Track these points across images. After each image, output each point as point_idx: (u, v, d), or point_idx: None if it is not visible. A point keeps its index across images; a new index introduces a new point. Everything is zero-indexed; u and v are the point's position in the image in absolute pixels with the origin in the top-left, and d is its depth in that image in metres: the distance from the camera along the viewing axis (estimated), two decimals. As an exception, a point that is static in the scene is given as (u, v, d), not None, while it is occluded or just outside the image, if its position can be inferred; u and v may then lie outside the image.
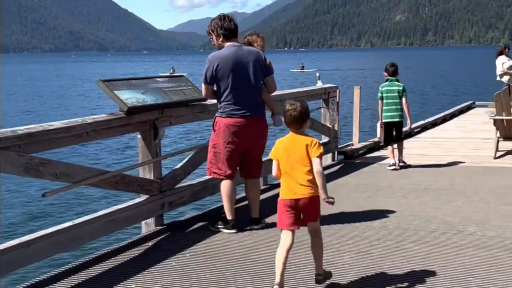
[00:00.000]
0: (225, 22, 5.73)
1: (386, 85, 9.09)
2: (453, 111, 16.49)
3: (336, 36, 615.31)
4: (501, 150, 10.04)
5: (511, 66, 14.76)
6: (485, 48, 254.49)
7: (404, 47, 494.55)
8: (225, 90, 5.66)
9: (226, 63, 5.61)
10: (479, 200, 6.96)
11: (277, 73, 19.75)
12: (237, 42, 5.80)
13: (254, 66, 5.68)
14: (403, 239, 5.47)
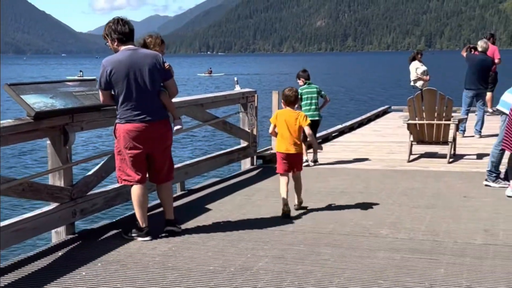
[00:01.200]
0: (119, 25, 5.57)
1: (305, 87, 9.69)
2: (370, 115, 16.87)
3: (258, 41, 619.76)
4: (414, 153, 10.33)
5: (424, 71, 15.25)
6: (402, 53, 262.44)
7: (325, 52, 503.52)
8: (121, 96, 5.51)
9: (119, 67, 5.46)
10: (392, 203, 7.11)
11: (183, 77, 19.31)
12: (133, 46, 5.65)
13: (150, 70, 5.53)
14: (318, 242, 5.51)
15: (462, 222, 6.16)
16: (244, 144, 9.77)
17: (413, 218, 6.37)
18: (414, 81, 15.28)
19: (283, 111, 6.80)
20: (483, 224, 6.07)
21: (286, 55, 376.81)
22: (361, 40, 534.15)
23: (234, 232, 5.92)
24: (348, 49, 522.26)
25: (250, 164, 10.01)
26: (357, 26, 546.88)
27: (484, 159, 9.44)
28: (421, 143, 10.19)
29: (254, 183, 8.49)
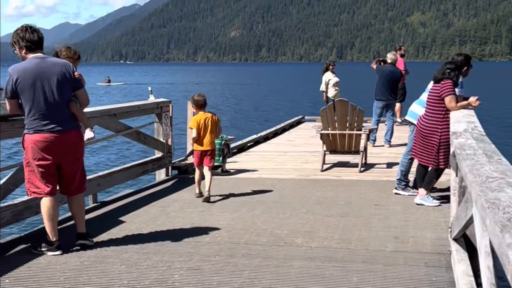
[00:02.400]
0: (27, 33, 5.40)
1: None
2: (284, 125, 17.08)
3: (172, 50, 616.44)
4: (328, 163, 10.53)
5: (337, 82, 15.60)
6: (314, 64, 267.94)
7: (240, 62, 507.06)
8: (28, 105, 5.34)
9: (26, 76, 5.29)
10: (306, 212, 7.20)
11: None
12: (42, 54, 5.48)
13: (59, 79, 5.39)
14: (234, 253, 5.50)
15: (374, 230, 6.32)
16: (159, 155, 9.66)
17: (326, 226, 6.48)
18: (323, 91, 15.61)
19: (198, 115, 8.10)
20: (393, 231, 6.25)
21: (201, 65, 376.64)
22: (274, 51, 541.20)
23: (148, 244, 5.82)
24: (262, 59, 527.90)
25: (165, 175, 9.90)
26: (271, 37, 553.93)
27: (394, 168, 9.74)
28: (333, 152, 10.39)
29: (169, 194, 8.40)
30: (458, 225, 4.77)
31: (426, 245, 5.73)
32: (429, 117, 7.24)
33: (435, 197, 7.56)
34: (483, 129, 5.17)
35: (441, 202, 7.43)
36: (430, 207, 7.32)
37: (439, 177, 7.51)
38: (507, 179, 2.86)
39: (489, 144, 4.23)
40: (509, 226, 2.04)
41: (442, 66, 7.37)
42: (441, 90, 7.10)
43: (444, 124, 7.04)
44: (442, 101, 7.09)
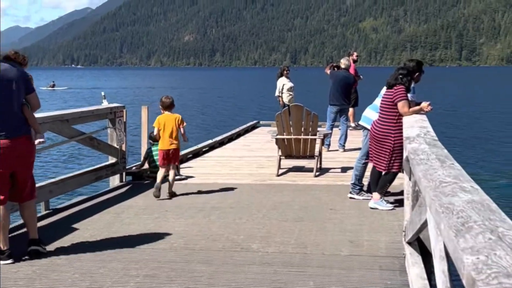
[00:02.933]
0: None
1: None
2: (239, 130, 17.07)
3: (125, 54, 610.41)
4: (283, 167, 10.57)
5: (291, 87, 15.68)
6: (269, 69, 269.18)
7: (194, 67, 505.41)
8: None
9: None
10: (262, 216, 7.21)
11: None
12: None
13: (11, 83, 5.28)
14: (190, 259, 5.47)
15: (329, 234, 6.36)
16: (113, 161, 9.54)
17: (283, 231, 6.49)
18: (281, 96, 15.67)
19: (163, 116, 8.51)
20: (348, 235, 6.31)
21: (154, 69, 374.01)
22: (229, 56, 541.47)
23: (103, 251, 5.74)
24: (217, 64, 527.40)
25: (119, 181, 9.78)
26: (225, 42, 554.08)
27: (348, 172, 9.83)
28: (289, 157, 10.44)
29: (124, 200, 8.31)
30: (412, 229, 4.84)
31: (380, 249, 5.80)
32: (383, 122, 7.34)
33: (389, 201, 7.67)
34: (435, 133, 5.26)
35: (395, 206, 7.54)
36: (384, 211, 7.41)
37: (392, 181, 7.61)
38: (460, 183, 2.91)
39: (442, 149, 4.30)
40: (463, 231, 2.08)
41: (395, 71, 7.48)
42: (394, 96, 7.20)
43: (397, 129, 7.14)
44: (395, 106, 7.19)
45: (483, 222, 2.15)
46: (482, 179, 16.37)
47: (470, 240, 1.96)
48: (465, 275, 1.74)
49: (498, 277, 1.60)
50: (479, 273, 1.65)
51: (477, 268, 1.69)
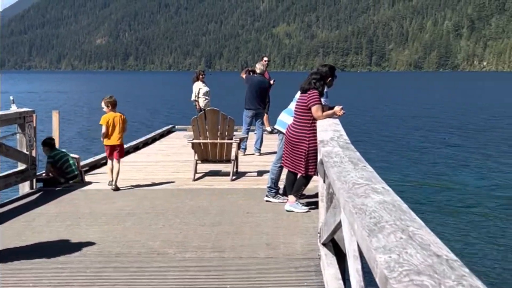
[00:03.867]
0: None
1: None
2: (155, 134, 16.88)
3: (34, 57, 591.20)
4: (200, 172, 10.55)
5: (207, 91, 15.67)
6: (184, 73, 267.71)
7: (106, 70, 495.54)
8: None
9: None
10: (179, 222, 7.17)
11: None
12: None
13: None
14: (105, 267, 5.36)
15: (246, 238, 6.40)
16: (23, 167, 9.22)
17: (200, 236, 6.48)
18: (197, 100, 15.63)
19: (109, 114, 9.35)
20: (265, 238, 6.37)
21: (65, 73, 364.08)
22: (142, 60, 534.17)
23: (14, 261, 5.53)
24: (130, 68, 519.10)
25: (29, 188, 9.47)
26: (138, 45, 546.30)
27: (264, 176, 9.93)
28: (205, 161, 10.43)
29: (34, 207, 8.04)
30: (326, 230, 4.95)
31: (296, 251, 5.88)
32: (297, 126, 7.45)
33: (304, 204, 7.79)
34: (347, 137, 5.40)
35: (310, 208, 7.67)
36: (299, 214, 7.53)
37: (307, 184, 7.74)
38: (372, 185, 3.00)
39: (354, 151, 4.42)
40: (376, 231, 2.14)
41: (308, 76, 7.61)
42: (308, 100, 7.33)
43: (311, 132, 7.27)
44: (309, 111, 7.32)
45: (394, 222, 2.23)
46: (393, 180, 16.93)
47: (383, 239, 2.03)
48: (378, 273, 1.80)
49: (409, 274, 1.67)
50: (392, 271, 1.71)
51: (390, 266, 1.75)
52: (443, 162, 21.12)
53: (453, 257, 1.82)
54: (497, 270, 10.00)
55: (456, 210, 14.14)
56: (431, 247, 1.91)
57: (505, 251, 11.03)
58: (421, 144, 26.24)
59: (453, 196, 15.59)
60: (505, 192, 15.96)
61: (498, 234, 12.17)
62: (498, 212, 13.86)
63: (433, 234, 2.08)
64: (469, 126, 33.88)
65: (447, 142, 26.79)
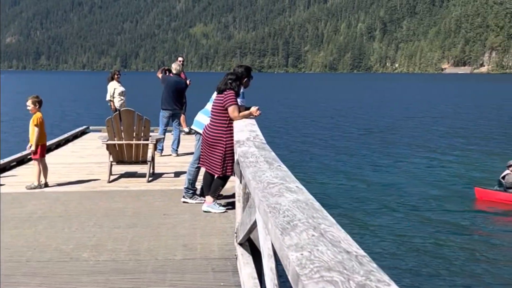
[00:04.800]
0: None
1: None
2: (68, 136, 16.45)
3: None
4: (115, 173, 10.36)
5: (122, 91, 15.42)
6: (98, 73, 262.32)
7: (17, 70, 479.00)
8: None
9: None
10: (93, 225, 7.02)
11: None
12: None
13: None
14: (15, 272, 5.19)
15: (163, 239, 6.35)
16: None
17: (114, 239, 6.37)
18: (112, 101, 15.36)
19: (39, 113, 9.45)
20: (182, 239, 6.34)
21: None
22: (55, 59, 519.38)
23: None
24: (42, 67, 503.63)
25: None
26: (51, 44, 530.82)
27: (182, 177, 9.88)
28: (121, 163, 10.26)
29: None
30: (243, 230, 4.98)
31: (213, 251, 5.89)
32: (214, 126, 7.46)
33: (221, 204, 7.81)
34: (263, 137, 5.45)
35: (227, 208, 7.70)
36: (217, 214, 7.54)
37: (224, 185, 7.76)
38: (286, 184, 3.05)
39: (270, 151, 4.47)
40: (289, 229, 2.17)
41: (224, 77, 7.63)
42: (224, 100, 7.35)
43: (228, 133, 7.29)
44: (225, 111, 7.34)
45: (307, 220, 2.27)
46: (307, 179, 17.23)
47: (295, 237, 2.06)
48: (290, 270, 1.83)
49: (320, 271, 1.70)
50: (303, 268, 1.74)
51: (301, 263, 1.78)
52: (355, 162, 21.68)
53: (362, 253, 1.88)
54: (404, 265, 10.37)
55: (366, 207, 14.56)
56: (341, 243, 1.96)
57: (410, 245, 11.45)
58: (334, 143, 26.84)
59: (364, 193, 16.04)
60: (412, 190, 16.56)
61: (405, 230, 12.62)
62: (405, 209, 14.37)
63: (343, 231, 2.14)
64: (381, 126, 34.93)
65: (359, 141, 27.51)
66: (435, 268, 10.27)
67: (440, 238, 12.08)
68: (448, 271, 10.11)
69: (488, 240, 12.03)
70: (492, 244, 11.78)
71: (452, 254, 11.02)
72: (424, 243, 11.66)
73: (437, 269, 10.20)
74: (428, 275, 9.92)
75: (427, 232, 12.42)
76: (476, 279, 9.79)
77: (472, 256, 10.95)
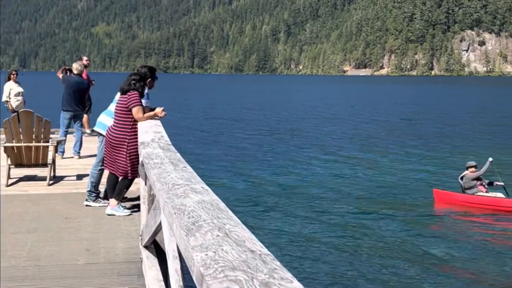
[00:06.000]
0: None
1: None
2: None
3: None
4: (13, 177, 9.96)
5: (19, 92, 14.88)
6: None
7: None
8: None
9: None
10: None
11: None
12: None
13: None
14: None
15: (65, 244, 6.17)
16: None
17: (14, 244, 6.13)
18: (6, 102, 14.80)
19: None
20: (85, 244, 6.18)
21: None
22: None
23: None
24: None
25: None
26: None
27: (84, 180, 9.63)
28: (19, 166, 9.88)
29: None
30: (148, 232, 4.92)
31: (118, 255, 5.79)
32: (118, 127, 7.33)
33: (126, 207, 7.68)
34: (168, 138, 5.41)
35: (132, 211, 7.58)
36: (121, 217, 7.41)
37: (129, 187, 7.65)
38: (191, 185, 3.04)
39: (175, 153, 4.44)
40: (193, 230, 2.17)
41: (128, 77, 7.52)
42: (128, 101, 7.24)
43: (132, 134, 7.19)
44: (129, 112, 7.24)
45: (212, 221, 2.28)
46: (213, 180, 17.25)
47: (200, 238, 2.06)
48: (195, 271, 1.83)
49: (224, 270, 1.71)
50: (208, 268, 1.75)
51: (206, 263, 1.79)
52: (261, 162, 21.94)
53: (266, 251, 1.90)
54: (308, 262, 10.60)
55: (272, 206, 14.77)
56: (246, 243, 1.98)
57: (315, 242, 11.72)
58: (240, 144, 27.05)
59: (270, 193, 16.25)
60: (315, 189, 16.94)
61: (311, 228, 12.90)
62: (310, 208, 14.68)
63: (248, 231, 2.16)
64: (287, 127, 35.51)
65: (265, 142, 27.86)
66: (345, 267, 10.56)
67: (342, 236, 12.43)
68: (353, 269, 10.41)
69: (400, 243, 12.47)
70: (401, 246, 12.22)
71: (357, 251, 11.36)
72: (335, 242, 11.96)
73: (348, 269, 10.49)
74: (343, 275, 10.18)
75: (338, 233, 12.75)
76: (404, 281, 10.03)
77: (402, 256, 11.31)
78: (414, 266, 10.59)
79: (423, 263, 10.74)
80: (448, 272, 10.37)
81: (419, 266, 10.60)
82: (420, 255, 11.21)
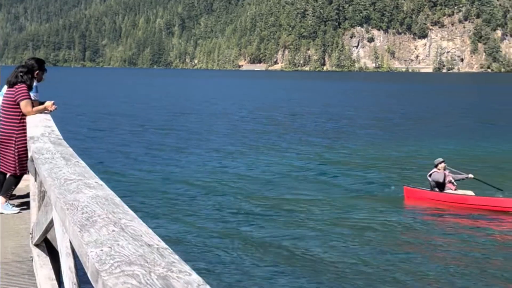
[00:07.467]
0: None
1: None
2: None
3: None
4: None
5: None
6: None
7: None
8: None
9: None
10: None
11: None
12: None
13: None
14: None
15: None
16: None
17: None
18: None
19: None
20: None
21: None
22: None
23: None
24: None
25: None
26: None
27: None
28: None
29: None
30: (39, 230, 4.75)
31: (7, 255, 5.54)
32: (5, 122, 7.03)
33: (14, 205, 7.37)
34: (60, 132, 5.24)
35: (22, 209, 7.29)
36: (10, 215, 7.10)
37: (18, 184, 7.35)
38: (85, 180, 2.96)
39: (67, 147, 4.31)
40: (88, 226, 2.11)
41: (15, 70, 7.23)
42: (16, 95, 6.96)
43: (20, 129, 6.92)
44: (17, 106, 6.95)
45: (107, 216, 2.22)
46: (107, 174, 16.91)
47: (95, 233, 2.01)
48: (90, 267, 1.78)
49: (120, 265, 1.68)
50: (103, 264, 1.70)
51: (101, 259, 1.74)
52: (155, 156, 21.73)
53: (164, 245, 1.88)
54: (208, 255, 10.62)
55: (168, 199, 14.67)
56: (143, 237, 1.95)
57: (215, 236, 11.76)
58: (134, 139, 26.67)
59: (167, 187, 16.14)
60: (212, 183, 17.00)
61: (209, 222, 12.92)
62: (202, 204, 14.71)
63: (145, 225, 2.12)
64: (181, 123, 35.37)
65: (179, 138, 27.62)
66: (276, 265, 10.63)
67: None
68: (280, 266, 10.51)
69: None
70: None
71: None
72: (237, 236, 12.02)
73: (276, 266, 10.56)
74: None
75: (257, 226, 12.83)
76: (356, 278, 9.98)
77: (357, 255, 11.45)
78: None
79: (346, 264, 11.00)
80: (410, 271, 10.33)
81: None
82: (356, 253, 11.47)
